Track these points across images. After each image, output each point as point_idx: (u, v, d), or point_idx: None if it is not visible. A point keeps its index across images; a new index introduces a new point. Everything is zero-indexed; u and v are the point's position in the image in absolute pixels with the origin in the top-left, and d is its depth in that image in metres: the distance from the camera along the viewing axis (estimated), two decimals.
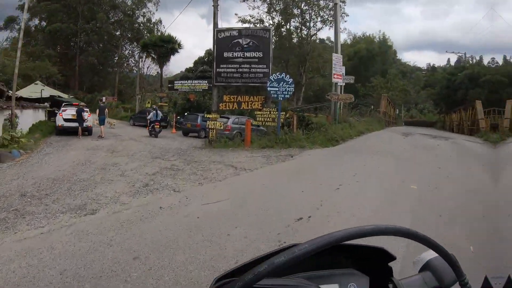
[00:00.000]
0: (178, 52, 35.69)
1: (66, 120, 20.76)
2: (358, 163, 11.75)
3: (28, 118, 19.92)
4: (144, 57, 38.66)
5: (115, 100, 47.30)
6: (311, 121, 20.15)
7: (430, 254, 0.88)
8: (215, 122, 17.15)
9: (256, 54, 18.01)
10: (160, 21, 55.38)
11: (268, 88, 16.83)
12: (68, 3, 52.33)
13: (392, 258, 0.93)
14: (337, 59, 26.93)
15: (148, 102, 36.12)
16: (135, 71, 59.44)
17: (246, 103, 17.60)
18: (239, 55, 18.11)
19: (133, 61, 58.99)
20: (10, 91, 28.03)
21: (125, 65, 58.22)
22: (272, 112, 17.14)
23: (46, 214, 6.69)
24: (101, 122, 21.48)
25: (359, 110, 32.95)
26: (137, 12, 55.27)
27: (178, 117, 30.69)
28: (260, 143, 16.47)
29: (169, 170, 10.32)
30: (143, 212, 6.55)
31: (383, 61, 64.11)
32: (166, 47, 34.48)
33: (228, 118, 20.62)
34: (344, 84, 28.22)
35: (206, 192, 7.78)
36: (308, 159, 13.02)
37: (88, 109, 21.84)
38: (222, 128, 17.31)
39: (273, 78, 16.79)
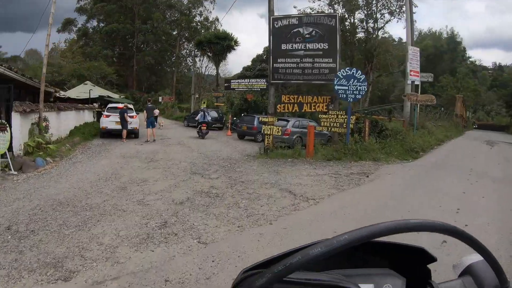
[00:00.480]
0: (234, 49, 33.51)
1: (110, 122, 18.99)
2: (454, 189, 8.91)
3: (68, 121, 18.38)
4: (199, 55, 36.82)
5: (171, 100, 46.25)
6: (385, 127, 16.70)
7: (471, 259, 0.83)
8: (271, 127, 14.30)
9: (320, 46, 14.83)
10: (217, 19, 53.80)
11: (336, 87, 13.69)
12: (124, 4, 52.30)
13: (432, 259, 0.86)
14: (413, 52, 23.10)
15: (204, 102, 34.22)
16: (192, 70, 58.69)
17: (308, 104, 14.55)
18: (299, 47, 15.00)
19: (190, 61, 58.26)
20: (61, 92, 27.37)
21: (183, 64, 57.33)
22: (340, 116, 14.02)
23: (9, 272, 4.41)
24: (149, 124, 19.46)
25: (431, 113, 28.84)
26: (193, 11, 54.05)
27: (235, 118, 28.36)
28: (325, 153, 13.49)
29: (205, 196, 7.63)
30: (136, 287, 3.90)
31: (452, 59, 58.82)
32: (222, 44, 32.32)
33: (288, 121, 18.08)
34: (420, 83, 24.46)
35: (246, 247, 4.97)
36: (388, 182, 9.82)
37: (133, 110, 19.90)
38: (280, 134, 14.42)
39: (341, 75, 13.63)
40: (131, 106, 20.65)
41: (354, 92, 13.50)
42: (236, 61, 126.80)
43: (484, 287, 0.79)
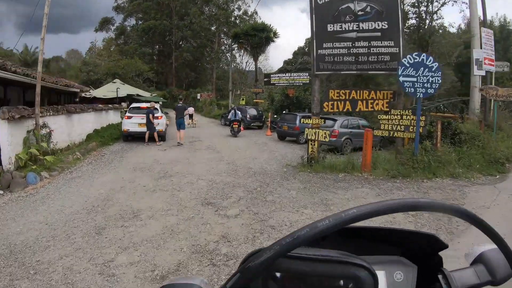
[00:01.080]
0: (273, 41, 30.49)
1: (132, 124, 16.72)
2: None
3: (83, 124, 16.17)
4: (236, 48, 34.01)
5: (210, 97, 43.96)
6: (459, 130, 13.01)
7: (484, 247, 0.82)
8: (316, 131, 11.14)
9: (378, 25, 11.27)
10: (256, 12, 50.79)
11: (400, 78, 10.26)
12: (161, 0, 50.60)
13: (444, 246, 0.84)
14: (487, 36, 19.08)
15: (243, 99, 31.48)
16: (230, 65, 56.16)
17: (364, 102, 11.16)
18: (351, 28, 11.45)
19: (229, 56, 55.63)
20: (89, 91, 25.57)
21: (223, 60, 54.94)
22: (405, 117, 10.65)
23: None
24: (179, 126, 17.38)
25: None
26: (231, 5, 51.39)
27: (275, 116, 25.44)
28: (387, 167, 10.20)
29: (206, 261, 4.70)
30: None
31: (505, 49, 52.23)
32: (260, 36, 29.36)
33: (335, 120, 15.78)
34: (494, 72, 20.42)
35: None
36: (488, 218, 6.50)
37: (159, 110, 17.49)
38: (326, 140, 11.21)
39: (407, 62, 10.23)
40: (157, 106, 18.10)
41: (425, 85, 10.07)
42: (278, 58, 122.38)
43: (496, 275, 0.78)
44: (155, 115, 16.95)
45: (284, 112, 25.96)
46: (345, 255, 0.66)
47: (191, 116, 30.05)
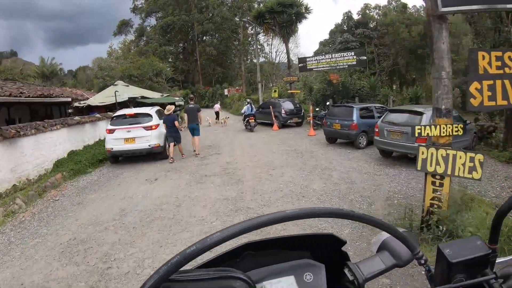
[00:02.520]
0: (305, 18, 23.92)
1: (116, 140, 11.26)
2: None
3: (49, 147, 10.77)
4: (261, 31, 27.66)
5: (238, 91, 38.09)
6: None
7: (385, 234, 0.85)
8: (447, 152, 4.73)
9: None
10: None
11: None
12: None
13: (343, 242, 0.89)
14: None
15: (275, 91, 25.26)
16: (260, 55, 49.66)
17: None
18: None
19: (259, 46, 49.22)
20: (86, 100, 20.16)
21: (250, 51, 48.73)
22: None
23: None
24: (192, 132, 12.94)
25: None
26: None
27: (317, 109, 19.29)
28: None
29: None
30: None
31: None
32: (289, 12, 22.95)
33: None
34: None
35: None
36: None
37: (152, 117, 11.90)
38: (477, 177, 4.72)
39: None
40: (152, 111, 12.38)
41: None
42: (310, 45, 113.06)
43: (400, 258, 0.83)
44: (148, 124, 11.40)
45: (328, 103, 19.75)
46: (226, 270, 0.68)
47: (217, 114, 24.45)
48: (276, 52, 44.09)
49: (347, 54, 21.73)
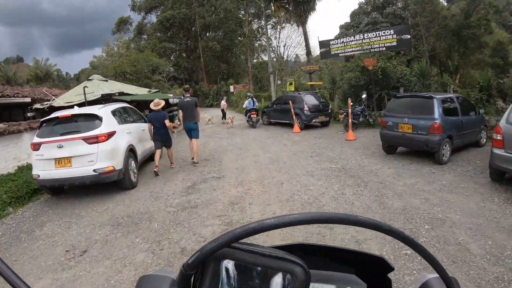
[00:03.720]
0: None
1: (44, 162, 6.13)
2: None
3: None
4: (271, 11, 22.20)
5: (246, 88, 32.86)
6: None
7: (428, 275, 0.76)
8: None
9: None
10: None
11: None
12: None
13: (391, 268, 0.84)
14: None
15: (290, 84, 19.92)
16: (265, 37, 44.08)
17: None
18: None
19: (265, 39, 43.61)
20: (50, 100, 14.44)
21: (257, 45, 43.31)
22: None
23: None
24: (189, 133, 9.25)
25: None
26: None
27: (355, 105, 14.18)
28: None
29: None
30: None
31: None
32: None
33: None
34: None
35: None
36: None
37: (102, 119, 6.70)
38: None
39: None
40: (103, 110, 7.19)
41: None
42: (324, 36, 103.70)
43: None
44: (91, 133, 6.33)
45: (365, 97, 14.67)
46: (285, 253, 0.67)
47: (223, 113, 20.52)
48: (284, 46, 38.52)
49: (385, 32, 16.41)
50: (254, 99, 17.48)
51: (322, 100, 15.38)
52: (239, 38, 41.19)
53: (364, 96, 14.55)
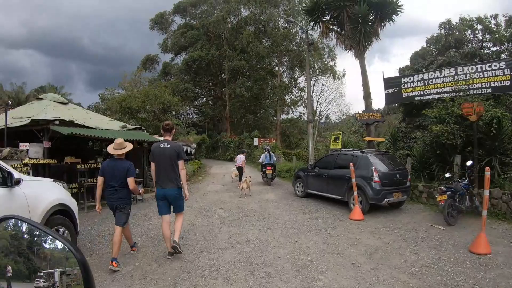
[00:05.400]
0: (398, 13, 12.54)
1: None
2: None
3: None
4: (315, 36, 16.31)
5: (272, 142, 26.78)
6: None
7: None
8: None
9: None
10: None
11: None
12: (210, 29, 35.79)
13: None
14: None
15: (336, 139, 13.39)
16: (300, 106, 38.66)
17: None
18: None
19: (297, 91, 38.55)
20: None
21: (288, 99, 37.99)
22: None
23: None
24: (165, 204, 5.05)
25: None
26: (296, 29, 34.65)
27: (447, 175, 7.58)
28: None
29: None
30: None
31: None
32: (370, 1, 11.90)
33: None
34: None
35: None
36: None
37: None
38: None
39: None
40: None
41: None
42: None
43: None
44: None
45: (472, 164, 7.98)
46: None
47: (240, 170, 14.34)
48: (317, 101, 32.65)
49: (491, 66, 10.18)
50: (271, 153, 14.47)
51: (399, 166, 8.87)
52: (270, 88, 36.02)
53: (470, 163, 7.98)
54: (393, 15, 12.61)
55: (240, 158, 14.64)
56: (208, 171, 20.76)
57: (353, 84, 79.07)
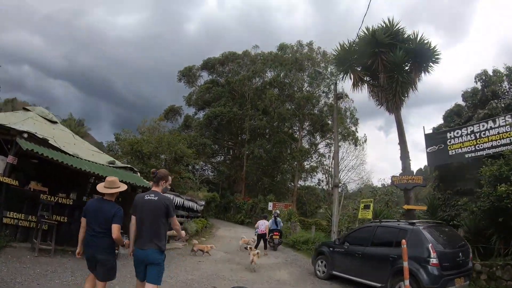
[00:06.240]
0: (436, 62, 10.81)
1: None
2: None
3: None
4: (345, 79, 14.38)
5: (288, 208, 24.17)
6: None
7: None
8: None
9: None
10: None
11: None
12: (234, 87, 35.40)
13: None
14: None
15: (366, 207, 10.85)
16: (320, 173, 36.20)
17: None
18: None
19: (317, 156, 36.47)
20: None
21: (306, 166, 35.83)
22: None
23: None
24: (142, 269, 3.91)
25: None
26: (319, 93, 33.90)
27: None
28: None
29: None
30: None
31: None
32: (408, 47, 10.22)
33: None
34: None
35: None
36: None
37: None
38: None
39: None
40: None
41: None
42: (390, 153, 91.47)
43: None
44: None
45: None
46: None
47: (263, 237, 12.30)
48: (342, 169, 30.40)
49: None
50: (278, 219, 14.18)
51: (459, 241, 6.35)
52: (289, 152, 34.27)
53: None
54: (430, 64, 10.84)
55: (264, 223, 12.41)
56: (214, 233, 18.17)
57: (372, 150, 76.54)
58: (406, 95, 10.75)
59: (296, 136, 35.77)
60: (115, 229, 4.00)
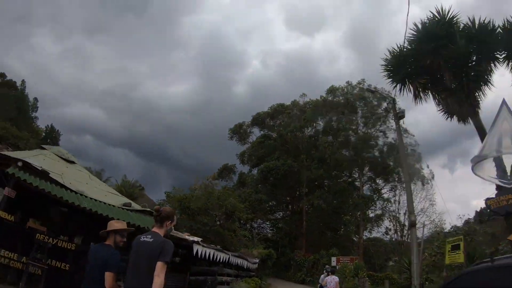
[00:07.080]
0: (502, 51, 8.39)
1: None
2: None
3: None
4: (402, 92, 11.74)
5: (354, 261, 20.76)
6: None
7: None
8: None
9: None
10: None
11: None
12: (286, 140, 34.10)
13: None
14: None
15: (455, 248, 7.90)
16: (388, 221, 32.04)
17: None
18: None
19: (381, 202, 32.39)
20: None
21: (371, 215, 32.13)
22: None
23: None
24: None
25: None
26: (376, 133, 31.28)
27: None
28: None
29: None
30: None
31: None
32: (465, 34, 7.94)
33: None
34: None
35: None
36: None
37: None
38: None
39: None
40: None
41: None
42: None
43: None
44: None
45: None
46: None
47: None
48: (404, 214, 26.96)
49: None
50: (333, 275, 10.68)
51: None
52: (350, 201, 31.08)
53: None
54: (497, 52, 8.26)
55: (334, 279, 10.23)
56: None
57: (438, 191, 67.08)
58: (481, 92, 8.18)
59: (356, 183, 32.72)
60: (108, 277, 3.55)
